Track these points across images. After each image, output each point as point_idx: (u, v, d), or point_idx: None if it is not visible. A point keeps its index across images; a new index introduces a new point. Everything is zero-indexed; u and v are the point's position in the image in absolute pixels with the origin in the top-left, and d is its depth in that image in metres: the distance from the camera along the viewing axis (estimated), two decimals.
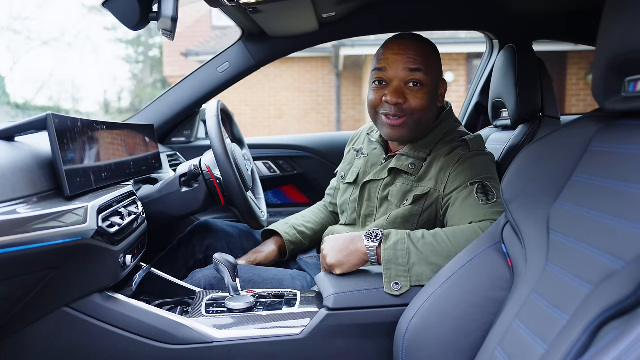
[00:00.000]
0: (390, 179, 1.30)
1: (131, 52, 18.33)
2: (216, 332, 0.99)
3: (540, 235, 0.75)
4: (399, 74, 1.23)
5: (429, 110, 1.26)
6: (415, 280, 1.02)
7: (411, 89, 1.23)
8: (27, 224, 0.78)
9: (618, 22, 0.64)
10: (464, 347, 0.86)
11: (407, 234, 1.07)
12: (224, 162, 1.32)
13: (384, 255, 1.04)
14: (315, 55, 9.93)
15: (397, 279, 1.02)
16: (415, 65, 1.22)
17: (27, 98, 16.56)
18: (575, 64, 8.53)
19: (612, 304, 0.53)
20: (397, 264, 1.03)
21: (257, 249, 1.46)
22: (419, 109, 1.24)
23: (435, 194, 1.21)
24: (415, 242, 1.05)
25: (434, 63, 1.27)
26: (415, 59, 1.22)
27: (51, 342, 0.99)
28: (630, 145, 0.65)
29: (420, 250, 1.04)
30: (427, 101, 1.24)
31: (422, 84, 1.23)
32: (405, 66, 1.22)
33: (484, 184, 1.16)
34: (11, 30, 16.22)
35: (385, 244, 1.05)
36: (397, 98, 1.22)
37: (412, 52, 1.23)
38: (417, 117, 1.25)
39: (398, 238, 1.06)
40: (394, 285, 1.02)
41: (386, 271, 1.03)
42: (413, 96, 1.23)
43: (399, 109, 1.23)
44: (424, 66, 1.23)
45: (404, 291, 1.01)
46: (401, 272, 1.02)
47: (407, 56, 1.23)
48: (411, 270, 1.02)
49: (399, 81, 1.23)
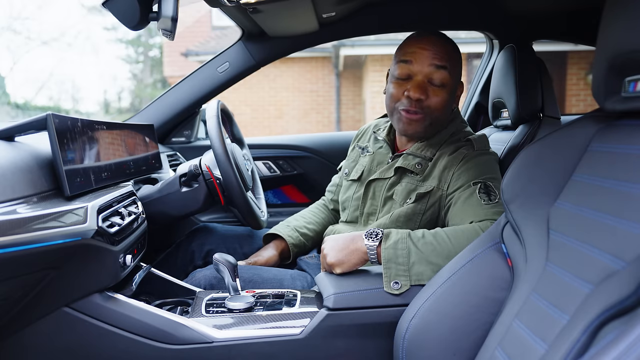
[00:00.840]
0: (396, 178, 1.30)
1: (131, 52, 18.31)
2: (216, 332, 0.99)
3: (540, 235, 0.75)
4: (424, 69, 1.23)
5: (445, 110, 1.27)
6: (415, 279, 1.02)
7: (433, 87, 1.24)
8: (27, 224, 0.78)
9: (618, 22, 0.64)
10: (464, 347, 0.86)
11: (407, 234, 1.07)
12: (224, 162, 1.32)
13: (384, 255, 1.04)
14: (315, 55, 9.93)
15: (397, 278, 1.02)
16: (442, 62, 1.22)
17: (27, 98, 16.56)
18: (575, 64, 8.53)
19: (612, 304, 0.53)
20: (397, 263, 1.03)
21: (258, 253, 1.45)
22: (438, 107, 1.24)
23: (438, 193, 1.22)
24: (415, 241, 1.05)
25: (457, 64, 1.27)
26: (442, 56, 1.23)
27: (51, 342, 0.99)
28: (630, 145, 0.65)
29: (420, 249, 1.04)
30: (447, 101, 1.25)
31: (444, 85, 1.23)
32: (432, 62, 1.22)
33: (487, 184, 1.16)
34: (11, 30, 16.22)
35: (385, 243, 1.05)
36: (420, 94, 1.22)
37: (440, 48, 1.23)
38: (435, 116, 1.25)
39: (398, 237, 1.06)
40: (393, 285, 1.02)
41: (386, 270, 1.03)
42: (434, 94, 1.23)
43: (419, 105, 1.24)
44: (450, 65, 1.23)
45: (404, 290, 1.01)
46: (401, 271, 1.02)
47: (435, 52, 1.23)
48: (411, 269, 1.02)
49: (423, 76, 1.23)
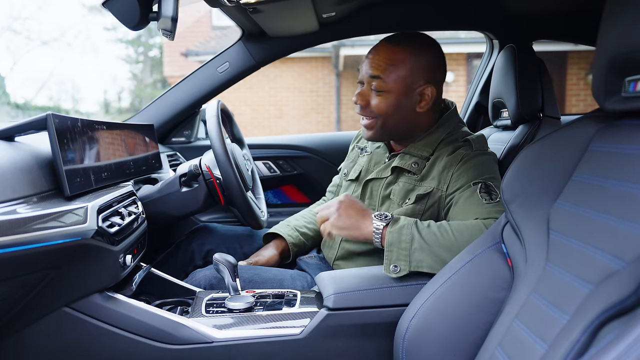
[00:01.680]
0: (393, 178, 1.30)
1: (131, 52, 18.32)
2: (216, 332, 1.00)
3: (540, 235, 0.75)
4: (365, 77, 1.27)
5: (396, 113, 1.26)
6: (415, 265, 1.04)
7: (375, 93, 1.26)
8: (27, 224, 0.78)
9: (618, 22, 0.64)
10: (463, 347, 0.86)
11: (414, 222, 1.09)
12: (224, 162, 1.32)
13: (388, 238, 1.06)
14: (315, 55, 9.93)
15: (397, 262, 1.04)
16: (375, 71, 1.24)
17: (27, 98, 16.58)
18: (575, 64, 8.54)
19: (612, 304, 0.53)
20: (399, 247, 1.05)
21: (258, 253, 1.45)
22: (381, 113, 1.26)
23: (437, 194, 1.22)
24: (420, 229, 1.07)
25: (407, 68, 1.23)
26: (378, 65, 1.24)
27: (51, 342, 0.99)
28: (630, 145, 0.65)
29: (423, 238, 1.05)
30: (390, 106, 1.25)
31: (382, 90, 1.24)
32: (368, 71, 1.26)
33: (487, 183, 1.16)
34: (11, 30, 16.23)
35: (391, 227, 1.07)
36: (360, 100, 1.27)
37: (380, 57, 1.25)
38: (382, 120, 1.27)
39: (405, 223, 1.08)
40: (393, 268, 1.04)
41: (388, 253, 1.05)
42: (375, 98, 1.26)
43: (363, 110, 1.28)
44: (385, 73, 1.23)
45: (402, 274, 1.03)
46: (402, 255, 1.04)
47: (372, 61, 1.26)
48: (412, 255, 1.04)
49: (367, 82, 1.27)
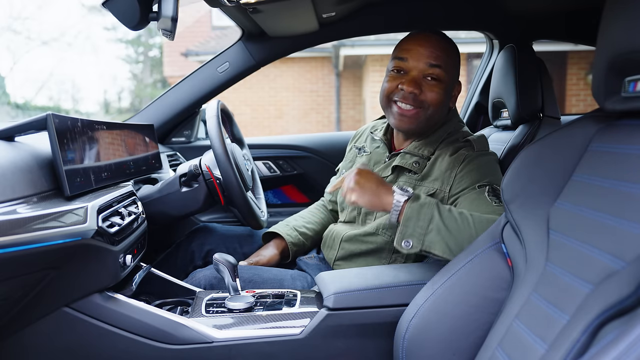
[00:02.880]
0: (394, 177, 1.30)
1: (131, 52, 18.30)
2: (216, 332, 1.00)
3: (540, 235, 0.75)
4: (419, 66, 1.24)
5: (441, 107, 1.26)
6: (427, 245, 1.02)
7: (428, 82, 1.24)
8: (27, 224, 0.78)
9: (618, 22, 0.64)
10: (463, 346, 0.86)
11: (436, 202, 1.07)
12: (224, 162, 1.32)
13: (407, 212, 1.04)
14: (315, 55, 9.92)
15: (411, 238, 1.02)
16: (437, 61, 1.23)
17: (27, 98, 16.55)
18: (575, 64, 8.53)
19: (612, 304, 0.53)
20: (416, 224, 1.03)
21: (259, 252, 1.45)
22: (433, 102, 1.24)
23: (440, 195, 1.21)
24: (441, 211, 1.05)
25: (454, 63, 1.28)
26: (438, 54, 1.23)
27: (51, 342, 0.99)
28: (630, 145, 0.65)
29: (443, 220, 1.03)
30: (442, 97, 1.25)
31: (440, 79, 1.24)
32: (427, 60, 1.23)
33: (494, 187, 1.16)
34: (11, 30, 16.21)
35: (411, 202, 1.05)
36: (414, 88, 1.23)
37: (436, 47, 1.24)
38: (430, 112, 1.25)
39: (426, 202, 1.06)
40: (405, 243, 1.02)
41: (403, 227, 1.03)
42: (429, 89, 1.24)
43: (414, 99, 1.24)
44: (444, 63, 1.24)
45: (412, 251, 1.02)
46: (417, 232, 1.02)
47: (430, 50, 1.23)
48: (427, 234, 1.02)
49: (418, 72, 1.24)
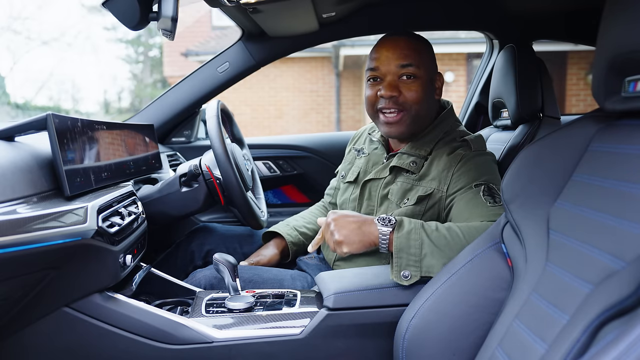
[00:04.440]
0: (391, 178, 1.30)
1: (131, 52, 18.31)
2: (216, 332, 1.00)
3: (540, 235, 0.75)
4: (391, 69, 1.25)
5: (425, 102, 1.27)
6: (425, 271, 1.01)
7: (405, 82, 1.25)
8: (27, 224, 0.78)
9: (618, 22, 0.64)
10: (463, 346, 0.86)
11: (421, 224, 1.06)
12: (224, 162, 1.32)
13: (396, 244, 1.03)
14: (315, 55, 9.93)
15: (408, 268, 1.01)
16: (407, 60, 1.24)
17: (27, 98, 16.57)
18: (575, 64, 8.53)
19: (612, 304, 0.53)
20: (408, 253, 1.02)
21: (259, 252, 1.45)
22: (414, 101, 1.25)
23: (438, 195, 1.21)
24: (429, 233, 1.04)
25: (426, 56, 1.28)
26: (407, 54, 1.24)
27: (51, 342, 0.99)
28: (630, 145, 0.65)
29: (433, 242, 1.03)
30: (422, 93, 1.25)
31: (415, 77, 1.24)
32: (397, 62, 1.24)
33: (490, 186, 1.16)
34: (11, 30, 16.22)
35: (398, 232, 1.04)
36: (392, 91, 1.24)
37: (403, 47, 1.25)
38: (414, 111, 1.25)
39: (411, 227, 1.05)
40: (404, 274, 1.01)
41: (397, 260, 1.02)
42: (407, 89, 1.24)
43: (395, 102, 1.24)
44: (415, 60, 1.24)
45: (413, 281, 1.01)
46: (412, 261, 1.02)
47: (398, 52, 1.24)
48: (422, 260, 1.01)
49: (392, 75, 1.25)
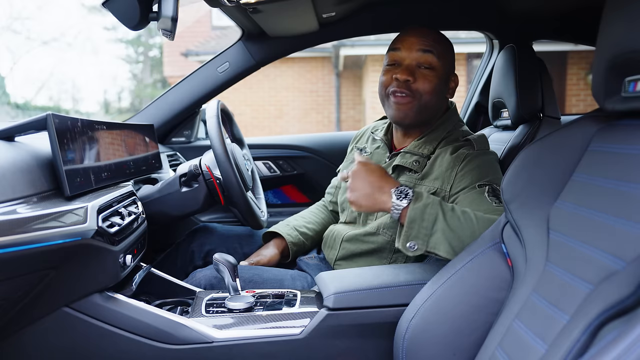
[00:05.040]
0: (394, 177, 1.30)
1: (131, 52, 18.29)
2: (216, 332, 1.00)
3: (540, 235, 0.75)
4: (411, 54, 1.26)
5: (436, 96, 1.27)
6: (432, 246, 1.02)
7: (422, 72, 1.26)
8: (27, 224, 0.78)
9: (618, 22, 0.64)
10: (463, 346, 0.86)
11: (439, 201, 1.06)
12: (224, 162, 1.32)
13: (411, 214, 1.03)
14: (315, 55, 9.92)
15: (416, 240, 1.02)
16: (428, 47, 1.25)
17: (27, 98, 16.56)
18: (575, 64, 8.53)
19: (612, 303, 0.53)
20: (420, 225, 1.02)
21: (259, 252, 1.45)
22: (427, 91, 1.25)
23: (441, 194, 1.21)
24: (445, 211, 1.04)
25: (447, 52, 1.30)
26: (429, 42, 1.26)
27: (51, 342, 0.99)
28: (630, 145, 0.65)
29: (447, 221, 1.03)
30: (436, 85, 1.26)
31: (433, 68, 1.26)
32: (419, 47, 1.26)
33: (494, 187, 1.16)
34: (11, 30, 16.22)
35: (414, 203, 1.04)
36: (407, 75, 1.25)
37: (427, 35, 1.27)
38: (424, 101, 1.26)
39: (429, 201, 1.05)
40: (409, 245, 1.02)
41: (407, 229, 1.02)
42: (423, 78, 1.25)
43: (407, 87, 1.25)
44: (437, 50, 1.26)
45: (417, 253, 1.02)
46: (422, 234, 1.02)
47: (422, 39, 1.26)
48: (432, 235, 1.02)
49: (411, 60, 1.26)
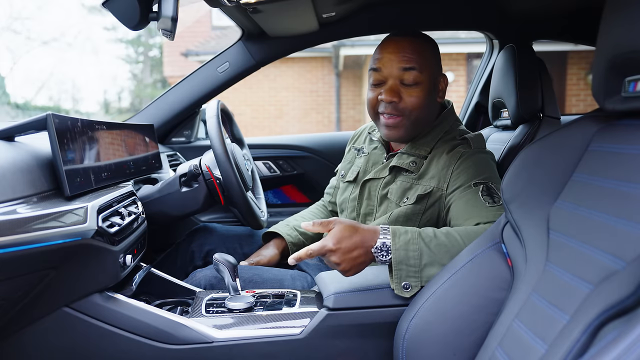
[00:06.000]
0: (391, 178, 1.30)
1: (131, 52, 18.30)
2: (216, 332, 1.00)
3: (540, 235, 0.75)
4: (393, 73, 1.23)
5: (426, 107, 1.26)
6: (426, 280, 0.99)
7: (406, 88, 1.24)
8: (27, 224, 0.78)
9: (618, 22, 0.64)
10: (463, 347, 0.86)
11: (418, 233, 1.03)
12: (224, 162, 1.32)
13: (395, 256, 1.00)
14: (315, 55, 9.92)
15: (408, 280, 1.00)
16: (409, 64, 1.22)
17: (27, 98, 16.57)
18: (575, 64, 8.53)
19: (612, 303, 0.53)
20: (408, 264, 1.00)
21: (259, 252, 1.45)
22: (415, 107, 1.24)
23: (438, 193, 1.21)
24: (427, 242, 1.02)
25: (431, 59, 1.27)
26: (410, 57, 1.23)
27: (51, 342, 0.99)
28: (630, 145, 0.65)
29: (432, 250, 1.01)
30: (424, 99, 1.24)
31: (417, 83, 1.23)
32: (399, 65, 1.23)
33: (489, 185, 1.15)
34: (11, 30, 16.23)
35: (394, 244, 1.00)
36: (392, 97, 1.23)
37: (407, 50, 1.23)
38: (414, 116, 1.25)
39: (408, 237, 1.02)
40: (404, 285, 0.99)
41: (396, 272, 1.00)
42: (408, 94, 1.23)
43: (395, 108, 1.24)
44: (418, 64, 1.23)
45: (414, 292, 0.99)
46: (412, 272, 1.00)
47: (402, 55, 1.23)
48: (423, 271, 1.00)
49: (394, 79, 1.24)
